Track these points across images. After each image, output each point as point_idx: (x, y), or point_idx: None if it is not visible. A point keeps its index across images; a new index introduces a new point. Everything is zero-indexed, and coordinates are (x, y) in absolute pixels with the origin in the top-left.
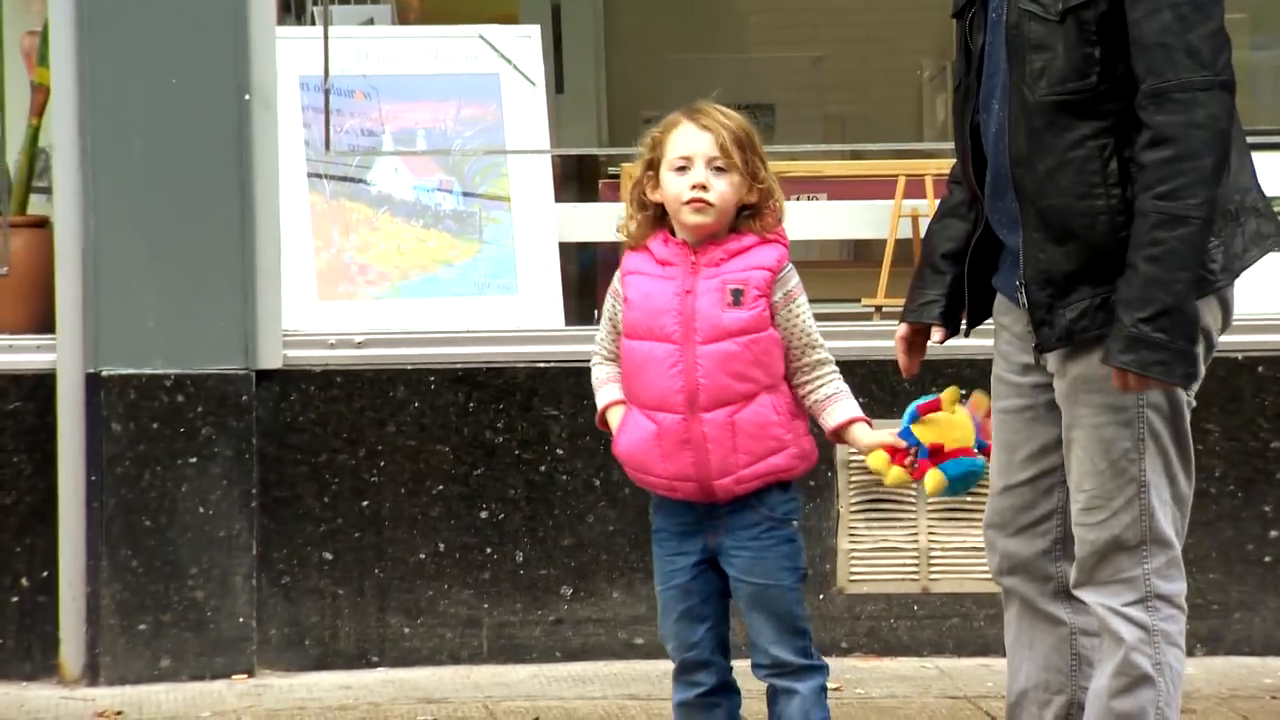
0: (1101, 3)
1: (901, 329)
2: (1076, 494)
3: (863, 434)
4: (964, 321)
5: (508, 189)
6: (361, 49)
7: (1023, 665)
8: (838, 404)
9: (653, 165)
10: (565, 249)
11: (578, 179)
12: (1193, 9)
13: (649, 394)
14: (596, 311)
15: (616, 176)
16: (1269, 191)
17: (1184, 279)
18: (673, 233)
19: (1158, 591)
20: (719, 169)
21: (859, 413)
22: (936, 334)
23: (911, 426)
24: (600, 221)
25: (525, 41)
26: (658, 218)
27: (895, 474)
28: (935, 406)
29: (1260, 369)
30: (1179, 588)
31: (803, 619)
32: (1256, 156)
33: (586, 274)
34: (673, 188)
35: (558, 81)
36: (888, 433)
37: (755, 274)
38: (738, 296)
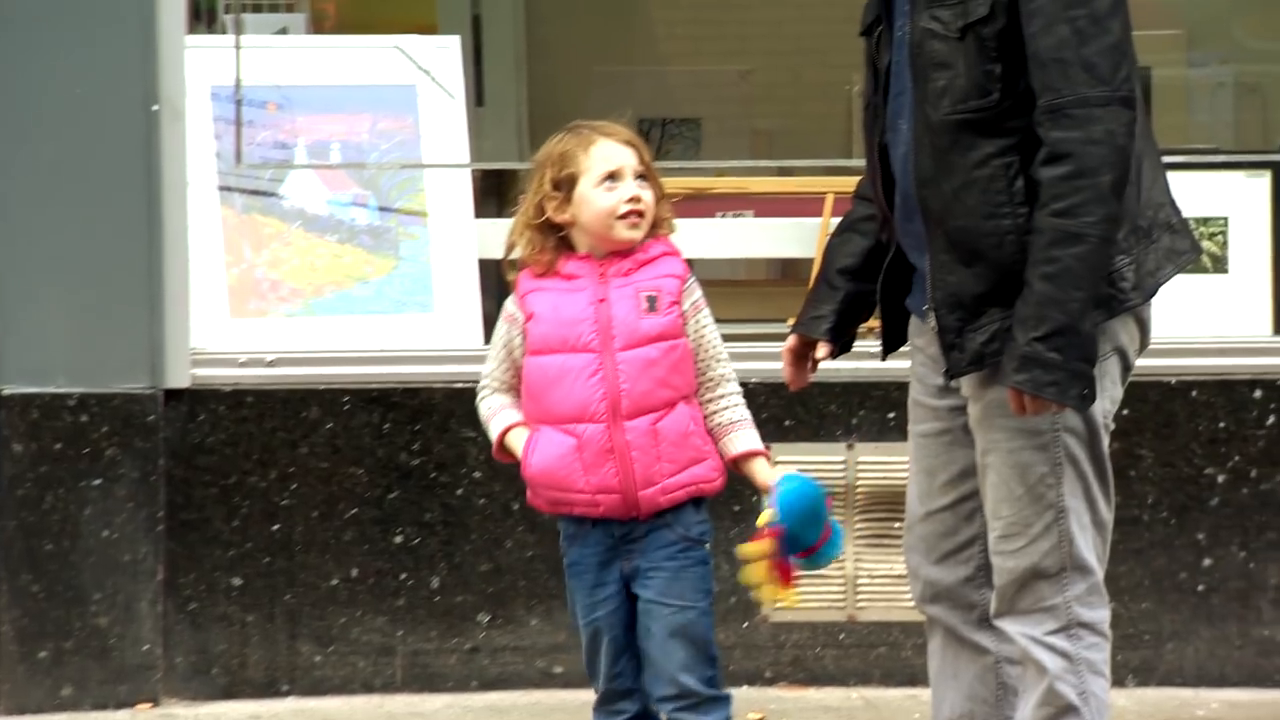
0: (1000, 18)
1: (790, 340)
2: (993, 521)
3: (762, 471)
4: (878, 343)
5: (425, 204)
6: (275, 59)
7: (947, 695)
8: (740, 432)
9: (559, 184)
10: (485, 266)
11: (498, 194)
12: (1090, 23)
13: (566, 406)
14: None
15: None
16: (1213, 211)
17: (1080, 298)
18: (571, 250)
19: (1080, 619)
20: (641, 179)
21: (760, 445)
22: (822, 349)
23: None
24: None
25: (443, 52)
26: (560, 239)
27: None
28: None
29: (1194, 394)
30: (1102, 615)
31: (714, 645)
32: (1194, 176)
33: (506, 291)
34: (603, 202)
35: (478, 94)
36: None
37: (667, 281)
38: (653, 303)
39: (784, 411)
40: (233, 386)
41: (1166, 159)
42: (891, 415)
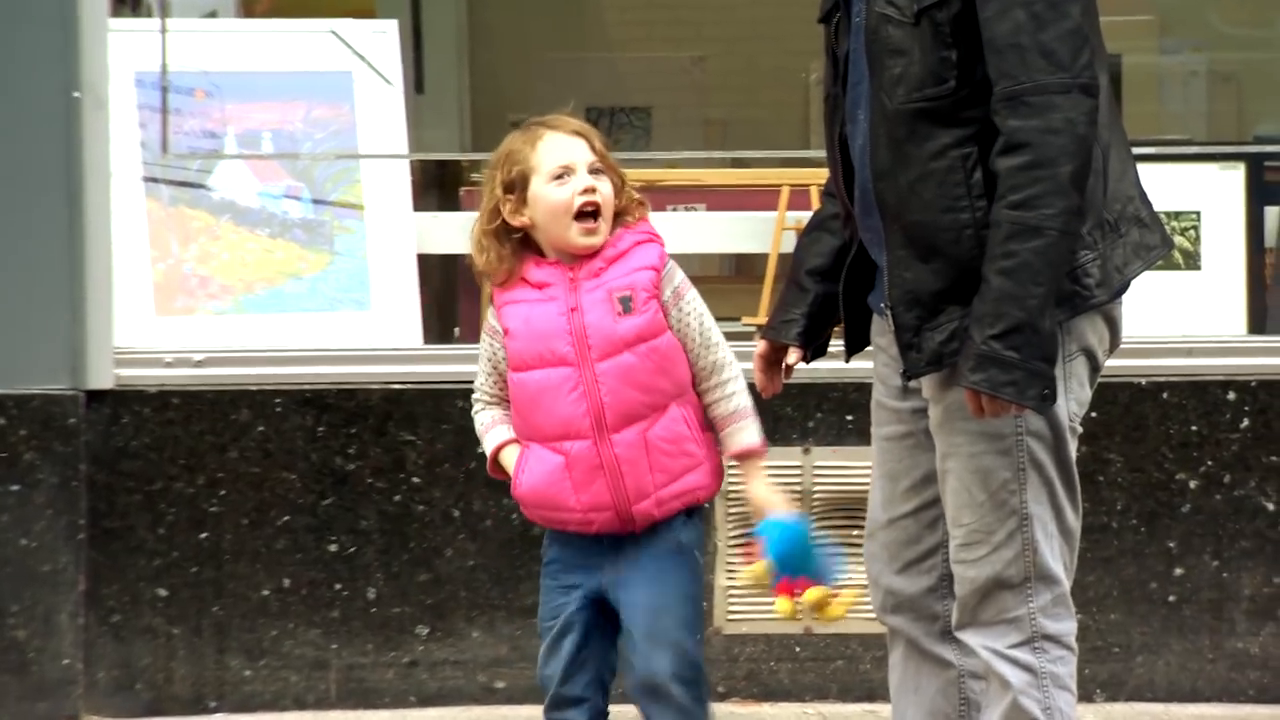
0: (955, 2)
1: (760, 346)
2: (954, 529)
3: (757, 488)
4: (841, 344)
5: (361, 196)
6: (203, 43)
7: (908, 710)
8: (739, 425)
9: (511, 186)
10: (424, 261)
11: (438, 186)
12: (1047, 7)
13: (551, 424)
14: (457, 329)
15: (480, 183)
16: (1183, 203)
17: (1039, 294)
18: (540, 255)
19: (1045, 631)
20: (596, 172)
21: (758, 440)
22: (793, 354)
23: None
24: (463, 232)
25: (381, 37)
26: (520, 244)
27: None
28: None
29: (1165, 395)
30: (1068, 627)
31: (698, 654)
32: (1165, 168)
33: (447, 288)
34: (556, 197)
35: (417, 81)
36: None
37: (640, 275)
38: (627, 304)
39: None
40: (158, 387)
41: (1136, 150)
42: (850, 418)
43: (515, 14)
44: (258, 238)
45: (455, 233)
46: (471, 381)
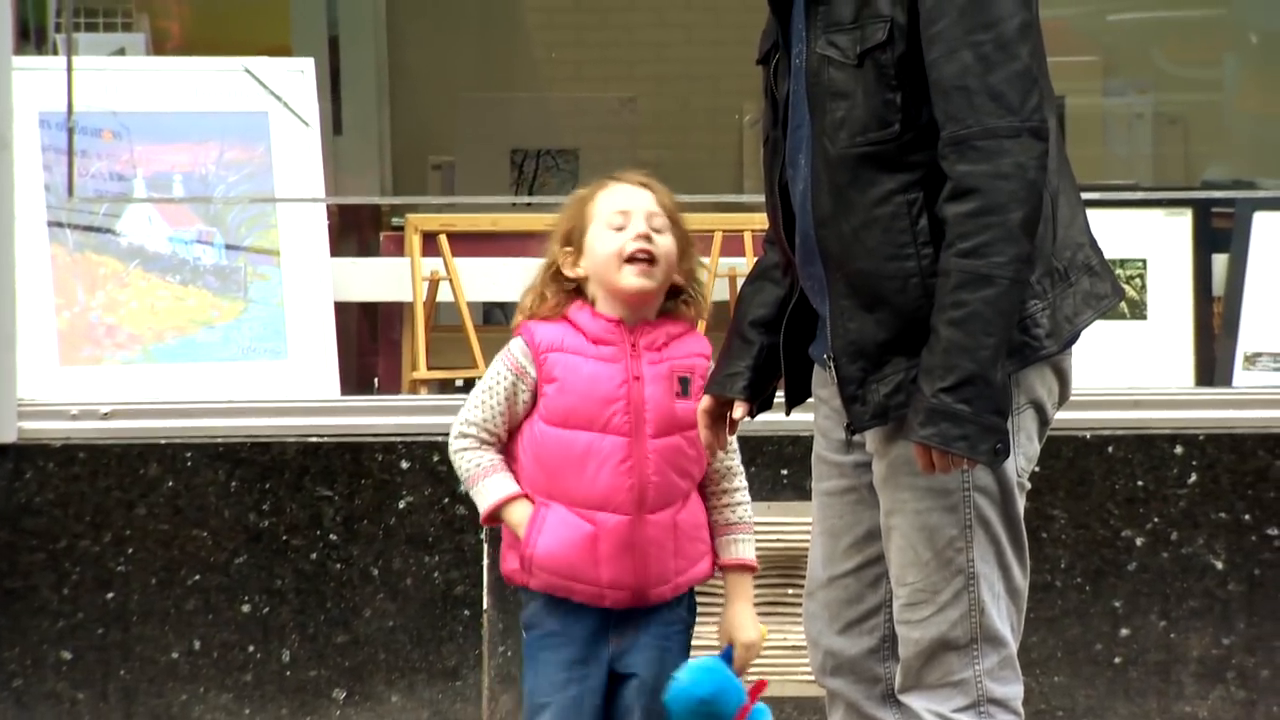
0: (899, 43)
1: (704, 401)
2: (899, 588)
3: (745, 613)
4: (780, 396)
5: (277, 242)
6: (111, 82)
7: None
8: (744, 537)
9: (570, 239)
10: (342, 309)
11: (357, 230)
12: (996, 48)
13: (591, 491)
14: (376, 380)
15: (400, 228)
16: (1128, 249)
17: (990, 344)
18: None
19: (991, 695)
20: (657, 229)
21: (752, 557)
22: (739, 409)
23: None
24: (383, 278)
25: (298, 76)
26: (572, 295)
27: None
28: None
29: (1110, 449)
30: (1015, 690)
31: None
32: (1110, 214)
33: (365, 337)
34: (609, 245)
35: (335, 121)
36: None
37: (699, 361)
38: (686, 385)
39: None
40: (63, 441)
41: (1081, 195)
42: (785, 472)
43: (437, 53)
44: (168, 285)
45: (374, 279)
46: (393, 435)
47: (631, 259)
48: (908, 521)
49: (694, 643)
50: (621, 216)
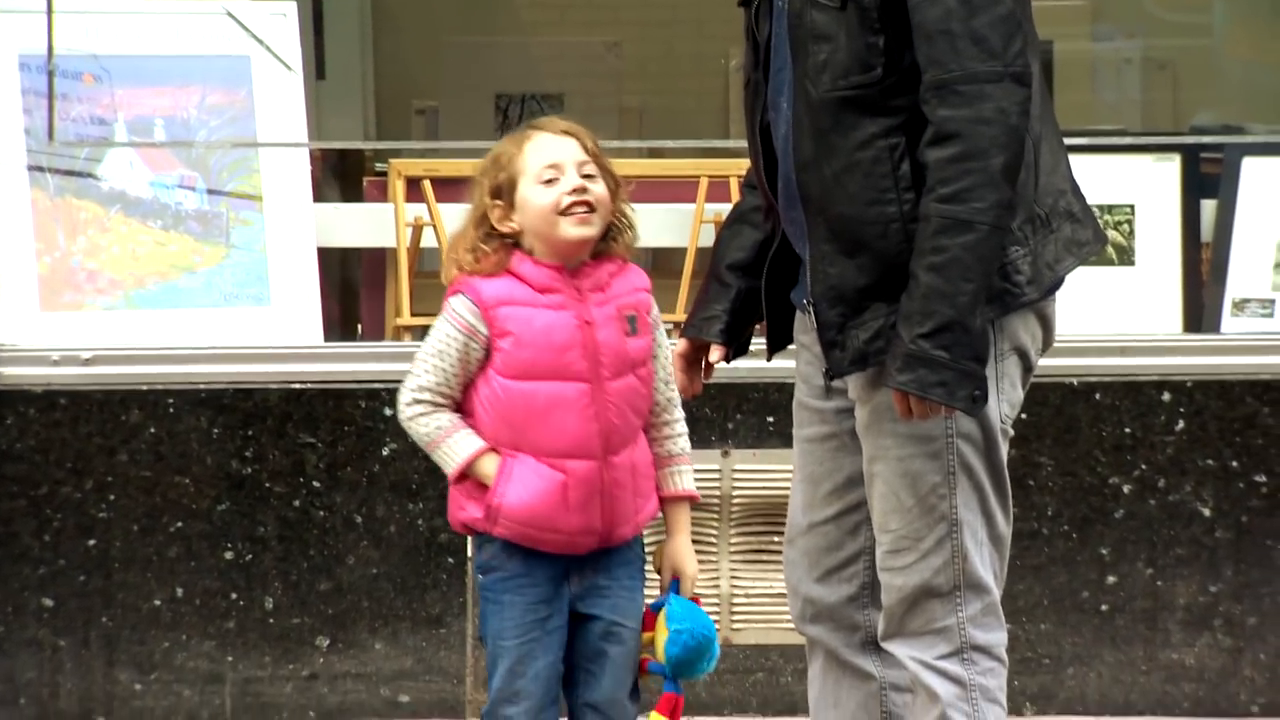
0: None
1: (680, 345)
2: (881, 535)
3: (683, 546)
4: (763, 342)
5: (260, 187)
6: (91, 25)
7: None
8: (684, 468)
9: (499, 191)
10: (325, 255)
11: (340, 176)
12: None
13: (559, 440)
14: (360, 326)
15: (384, 174)
16: (1116, 195)
17: (969, 290)
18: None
19: (974, 642)
20: (589, 175)
21: (693, 488)
22: (715, 353)
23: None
24: (366, 224)
25: (280, 20)
26: (510, 249)
27: None
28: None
29: (1097, 396)
30: (998, 637)
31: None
32: (1098, 159)
33: (348, 283)
34: (544, 199)
35: (318, 66)
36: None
37: (642, 297)
38: (633, 323)
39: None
40: (44, 387)
41: (1068, 141)
42: (771, 419)
43: None
44: (150, 230)
45: (357, 225)
46: (377, 381)
47: (568, 210)
48: (890, 468)
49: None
50: (552, 170)
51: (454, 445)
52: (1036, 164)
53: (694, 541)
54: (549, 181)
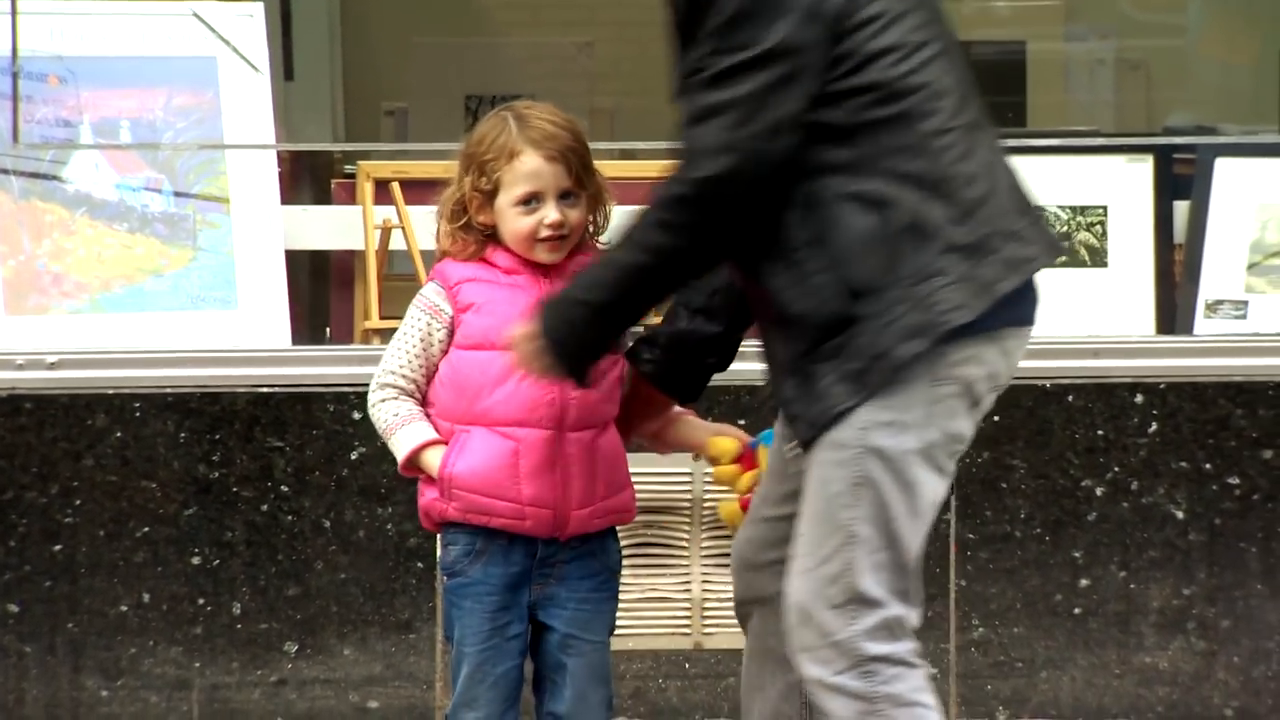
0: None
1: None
2: (796, 539)
3: (708, 426)
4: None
5: (227, 189)
6: (56, 26)
7: (754, 708)
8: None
9: (478, 187)
10: (292, 258)
11: (309, 178)
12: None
13: (508, 408)
14: (329, 329)
15: (353, 176)
16: (1089, 196)
17: (602, 295)
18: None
19: (869, 654)
20: (569, 198)
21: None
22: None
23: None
24: (334, 226)
25: (247, 21)
26: (486, 236)
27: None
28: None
29: (1070, 398)
30: (900, 646)
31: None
32: (1071, 160)
33: (316, 286)
34: (520, 225)
35: (286, 67)
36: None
37: None
38: None
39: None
40: (9, 391)
41: (1041, 142)
42: (743, 422)
43: None
44: (116, 233)
45: (325, 227)
46: (345, 385)
47: (543, 239)
48: (813, 473)
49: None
50: (534, 197)
51: (406, 433)
52: (950, 197)
53: (664, 546)
54: (528, 206)
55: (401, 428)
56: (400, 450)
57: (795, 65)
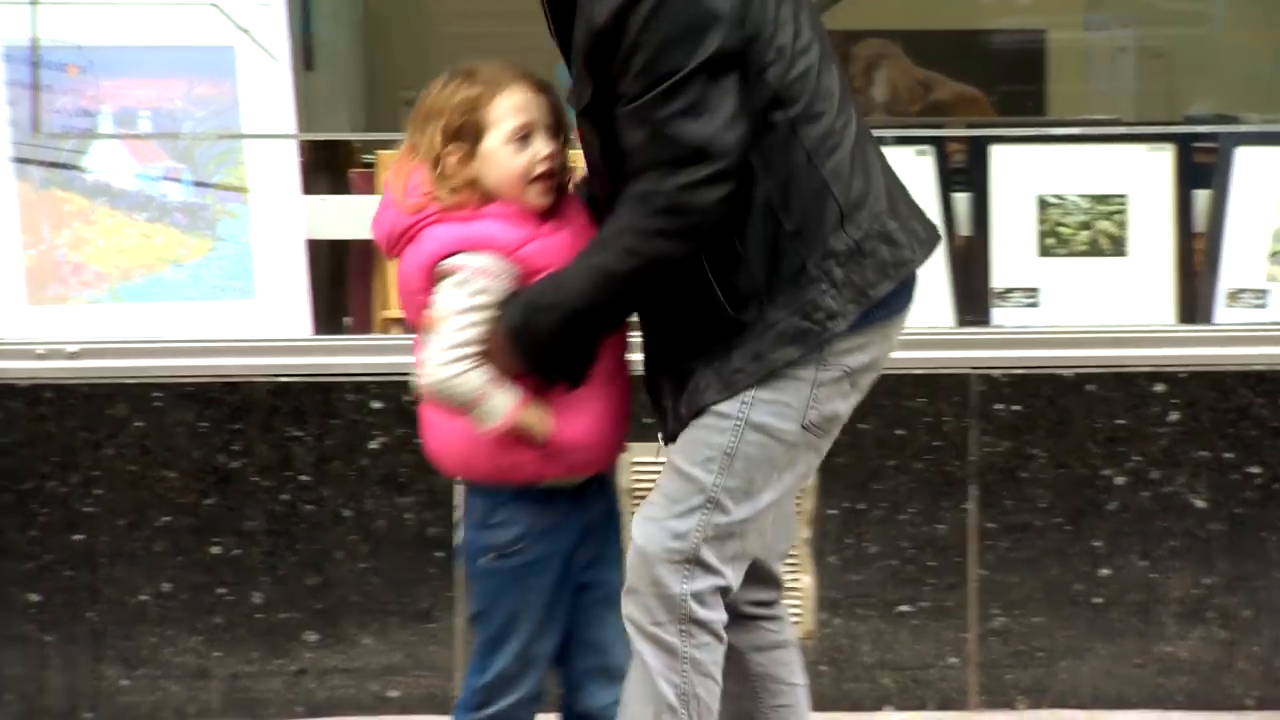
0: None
1: None
2: (657, 486)
3: None
4: None
5: (246, 179)
6: (76, 15)
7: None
8: None
9: (458, 134)
10: (313, 248)
11: (328, 168)
12: None
13: (600, 361)
14: (348, 319)
15: (373, 165)
16: (1109, 185)
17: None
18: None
19: (693, 615)
20: (553, 132)
21: None
22: None
23: None
24: (354, 216)
25: (266, 10)
26: (476, 193)
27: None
28: None
29: (1090, 387)
30: (720, 616)
31: None
32: (1092, 148)
33: (336, 275)
34: (514, 164)
35: (306, 56)
36: None
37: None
38: None
39: (641, 409)
40: (30, 380)
41: (1062, 130)
42: None
43: None
44: (135, 222)
45: (347, 217)
46: (365, 374)
47: (537, 179)
48: (687, 434)
49: None
50: (526, 130)
51: (502, 397)
52: (819, 206)
53: None
54: (521, 142)
55: (491, 395)
56: (501, 413)
57: (730, 66)
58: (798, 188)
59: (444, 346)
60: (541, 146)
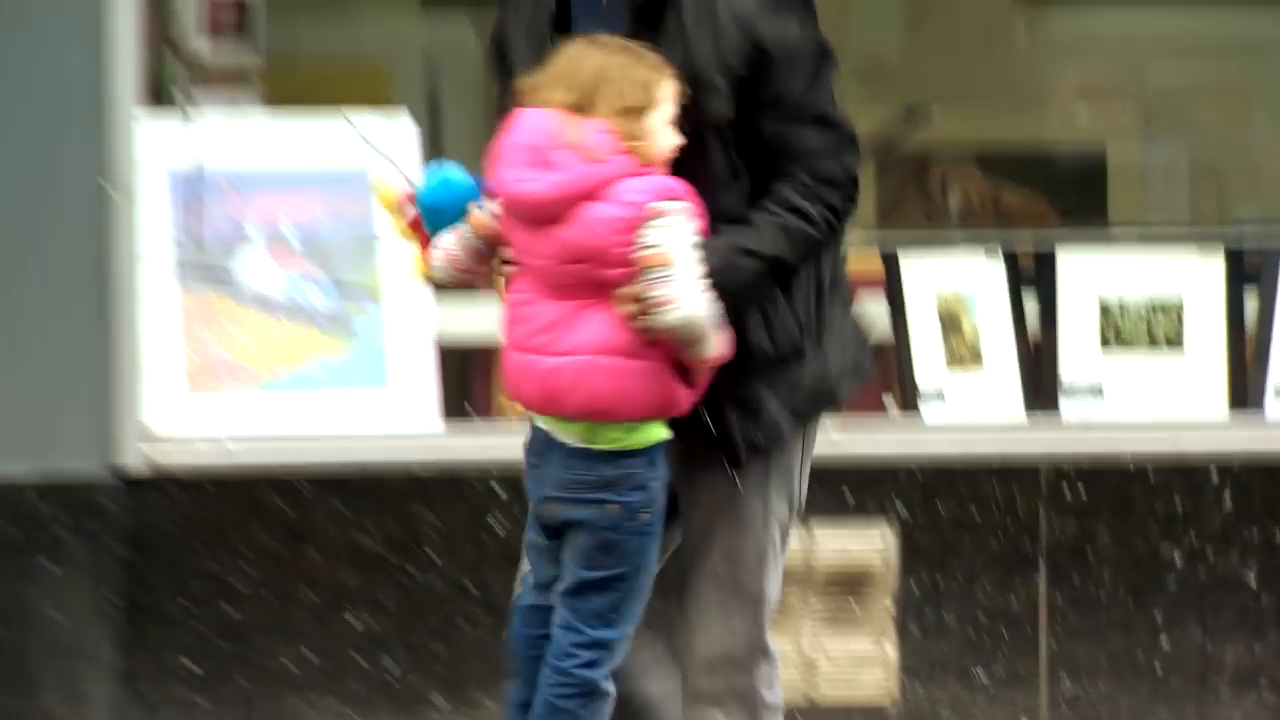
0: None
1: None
2: (699, 596)
3: None
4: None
5: (379, 282)
6: (229, 139)
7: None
8: None
9: (630, 113)
10: (442, 347)
11: None
12: None
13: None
14: (468, 405)
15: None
16: (1165, 288)
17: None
18: None
19: (765, 702)
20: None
21: None
22: None
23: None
24: (481, 316)
25: (398, 129)
26: None
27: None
28: None
29: (1151, 474)
30: (780, 695)
31: None
32: (1149, 255)
33: (464, 372)
34: (668, 143)
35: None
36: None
37: None
38: None
39: None
40: (191, 472)
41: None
42: (845, 488)
43: None
44: (280, 323)
45: (475, 317)
46: (487, 460)
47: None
48: (719, 540)
49: None
50: (673, 116)
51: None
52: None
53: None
54: (673, 130)
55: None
56: (722, 345)
57: None
58: None
59: (693, 278)
60: (678, 136)
